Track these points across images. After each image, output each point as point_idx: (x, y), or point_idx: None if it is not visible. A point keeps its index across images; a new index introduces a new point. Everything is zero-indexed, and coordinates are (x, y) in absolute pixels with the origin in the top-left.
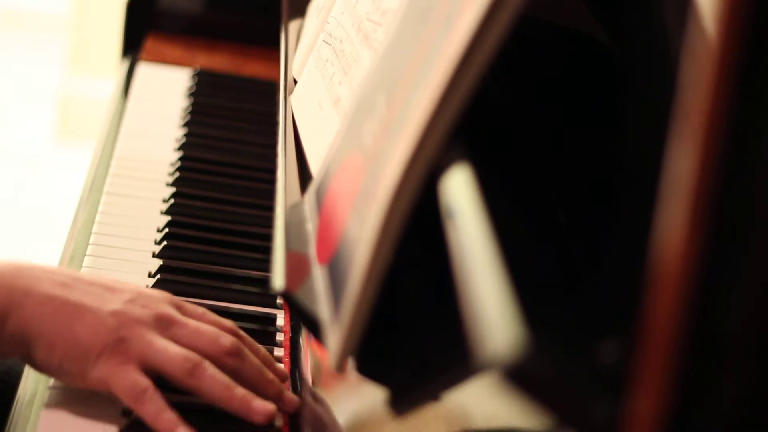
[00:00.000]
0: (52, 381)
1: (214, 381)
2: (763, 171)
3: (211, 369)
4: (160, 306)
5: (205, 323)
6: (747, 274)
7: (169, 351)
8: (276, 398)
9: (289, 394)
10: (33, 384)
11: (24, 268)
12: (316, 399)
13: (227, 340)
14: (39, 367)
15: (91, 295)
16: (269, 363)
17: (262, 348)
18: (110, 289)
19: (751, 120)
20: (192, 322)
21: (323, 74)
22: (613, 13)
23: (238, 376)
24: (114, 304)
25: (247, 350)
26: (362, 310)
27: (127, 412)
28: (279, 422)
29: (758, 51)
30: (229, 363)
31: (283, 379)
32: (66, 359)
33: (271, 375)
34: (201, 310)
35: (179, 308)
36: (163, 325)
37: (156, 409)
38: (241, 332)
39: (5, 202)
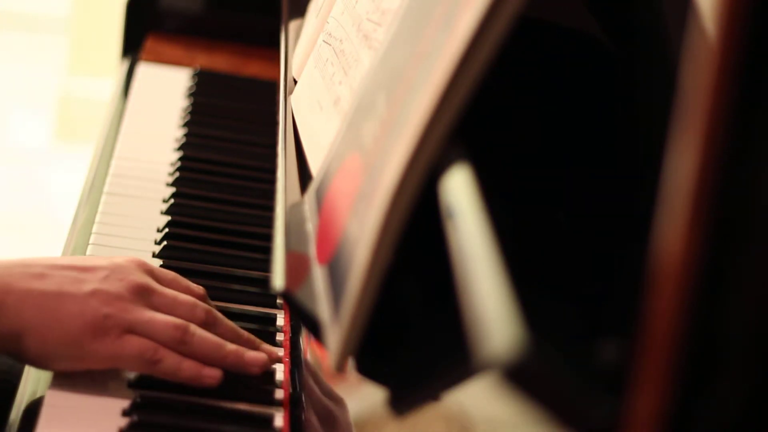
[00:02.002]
0: (50, 381)
1: (204, 342)
2: (764, 172)
3: (199, 332)
4: (135, 275)
5: (179, 290)
6: (747, 274)
7: (156, 320)
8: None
9: (267, 345)
10: (33, 384)
11: None
12: (317, 399)
13: (201, 310)
14: (34, 361)
15: (68, 280)
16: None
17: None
18: (85, 269)
19: (751, 120)
20: (169, 292)
21: (323, 74)
22: (613, 13)
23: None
24: (91, 284)
25: (219, 315)
26: (362, 310)
27: (127, 413)
28: (279, 423)
29: (758, 51)
30: (208, 330)
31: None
32: (59, 346)
33: (245, 333)
34: (172, 274)
35: (151, 273)
36: (143, 294)
37: (174, 362)
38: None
39: (5, 201)
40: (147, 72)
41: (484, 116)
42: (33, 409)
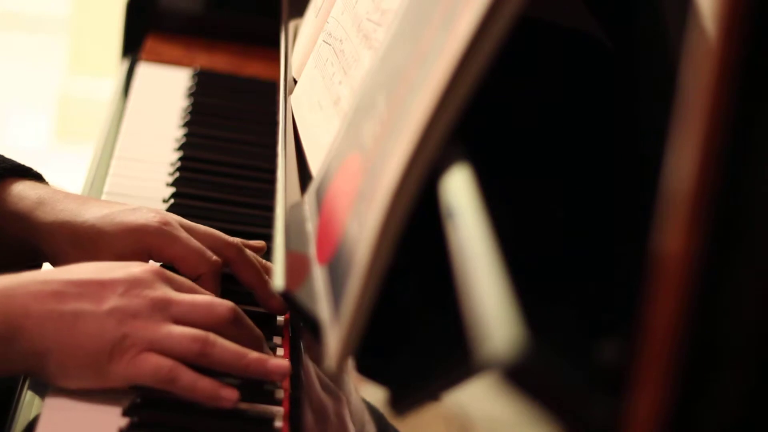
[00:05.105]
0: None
1: (225, 352)
2: (763, 171)
3: (219, 341)
4: (153, 289)
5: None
6: (747, 274)
7: (174, 335)
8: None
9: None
10: (34, 384)
11: (16, 287)
12: (316, 400)
13: (222, 307)
14: (56, 381)
15: (85, 298)
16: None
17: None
18: (102, 284)
19: (751, 120)
20: (186, 298)
21: (323, 74)
22: (613, 12)
23: (238, 340)
24: (110, 301)
25: (242, 313)
26: (362, 310)
27: (127, 413)
28: (279, 423)
29: (758, 51)
30: (230, 330)
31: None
32: (79, 368)
33: (260, 332)
34: (190, 282)
35: (169, 281)
36: (161, 308)
37: (191, 380)
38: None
39: None
40: (147, 72)
41: (484, 116)
42: (34, 410)
